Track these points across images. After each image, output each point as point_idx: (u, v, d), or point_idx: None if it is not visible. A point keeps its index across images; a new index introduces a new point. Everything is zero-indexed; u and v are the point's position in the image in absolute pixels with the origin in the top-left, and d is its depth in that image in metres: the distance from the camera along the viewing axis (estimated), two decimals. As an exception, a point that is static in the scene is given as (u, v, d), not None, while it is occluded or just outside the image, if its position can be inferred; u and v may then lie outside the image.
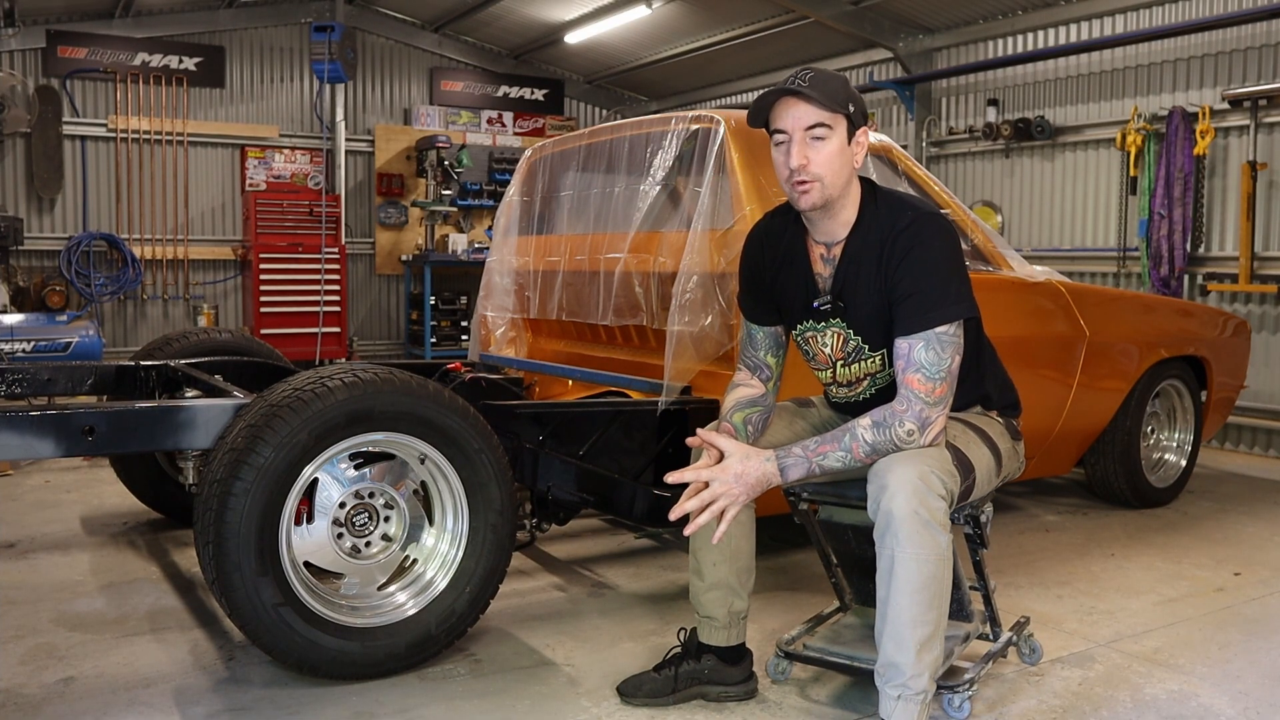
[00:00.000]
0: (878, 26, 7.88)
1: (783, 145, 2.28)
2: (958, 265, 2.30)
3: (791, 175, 2.27)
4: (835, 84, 2.27)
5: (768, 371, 2.59)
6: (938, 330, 2.23)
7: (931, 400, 2.21)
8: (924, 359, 2.22)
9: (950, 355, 2.23)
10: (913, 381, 2.22)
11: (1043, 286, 4.02)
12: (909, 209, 2.32)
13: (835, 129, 2.26)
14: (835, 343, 2.45)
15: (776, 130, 2.29)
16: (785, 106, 2.27)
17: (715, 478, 2.24)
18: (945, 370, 2.23)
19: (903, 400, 2.23)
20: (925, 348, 2.23)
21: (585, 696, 2.61)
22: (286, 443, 2.47)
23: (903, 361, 2.25)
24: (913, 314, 2.24)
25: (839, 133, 2.27)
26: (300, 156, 9.59)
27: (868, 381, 2.47)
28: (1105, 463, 4.54)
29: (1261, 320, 6.06)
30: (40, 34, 8.52)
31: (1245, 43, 6.09)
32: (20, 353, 6.04)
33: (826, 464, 2.25)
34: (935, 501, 2.14)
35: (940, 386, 2.22)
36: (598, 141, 3.98)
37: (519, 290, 4.29)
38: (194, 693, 2.59)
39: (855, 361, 2.45)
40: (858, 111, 2.30)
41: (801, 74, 2.26)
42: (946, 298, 2.24)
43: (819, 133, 2.25)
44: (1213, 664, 2.87)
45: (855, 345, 2.42)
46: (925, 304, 2.23)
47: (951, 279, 2.27)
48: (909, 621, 2.15)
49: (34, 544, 3.90)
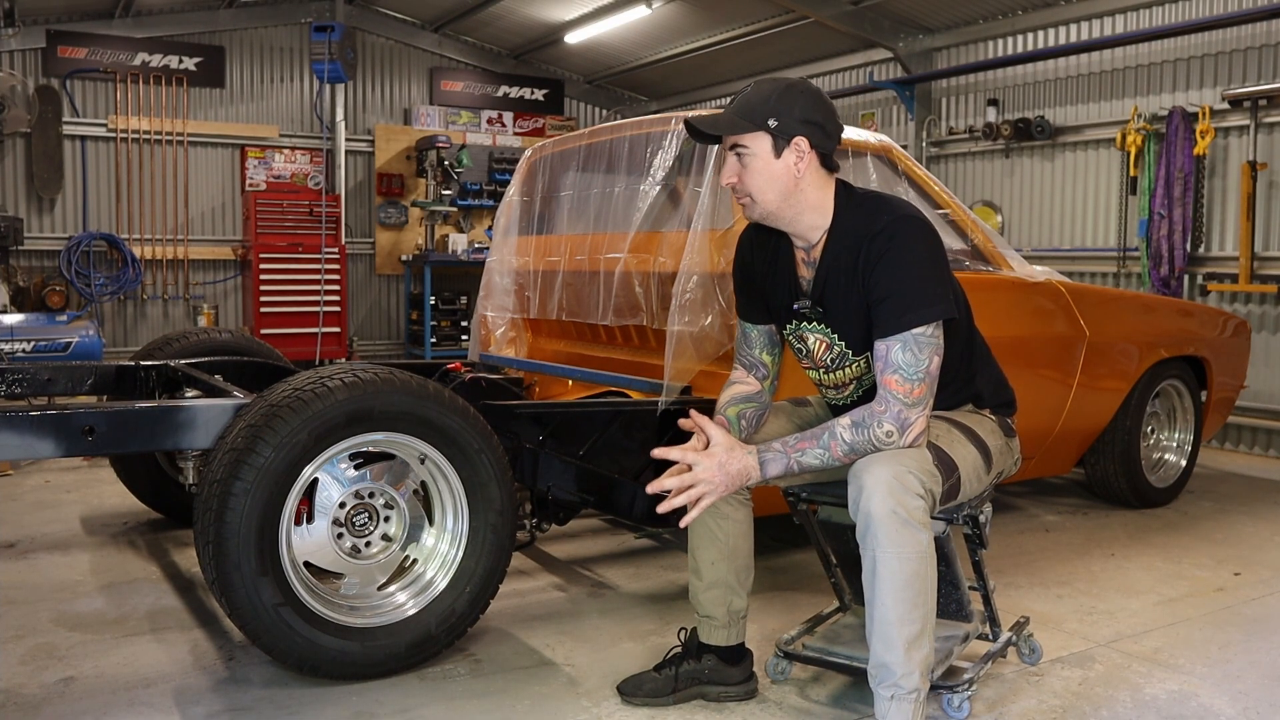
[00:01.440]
0: (878, 26, 7.88)
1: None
2: (936, 266, 2.29)
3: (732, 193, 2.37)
4: (756, 97, 2.30)
5: (763, 369, 2.60)
6: (915, 332, 2.22)
7: (910, 401, 2.21)
8: (902, 360, 2.22)
9: (929, 356, 2.23)
10: (891, 383, 2.22)
11: (1043, 286, 4.02)
12: (885, 211, 2.31)
13: (753, 145, 2.30)
14: (819, 347, 2.46)
15: None
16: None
17: (699, 462, 2.26)
18: (923, 371, 2.22)
19: (881, 401, 2.23)
20: (903, 349, 2.22)
21: (585, 696, 2.61)
22: (286, 443, 2.47)
23: (881, 363, 2.25)
24: (889, 316, 2.24)
25: (760, 147, 2.30)
26: (300, 156, 9.59)
27: (854, 385, 2.48)
28: (1105, 463, 4.54)
29: (1261, 320, 6.06)
30: (40, 34, 8.52)
31: (1245, 43, 6.09)
32: (20, 353, 6.04)
33: (805, 461, 2.26)
34: (913, 500, 2.15)
35: (918, 387, 2.22)
36: (598, 141, 3.98)
37: (519, 290, 4.29)
38: (194, 693, 2.59)
39: (839, 367, 2.46)
40: (787, 121, 2.28)
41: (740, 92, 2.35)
42: (923, 299, 2.23)
43: (739, 151, 2.32)
44: (1213, 664, 2.87)
45: (839, 351, 2.43)
46: (901, 306, 2.23)
47: (928, 280, 2.25)
48: (895, 620, 2.16)
49: (34, 544, 3.91)
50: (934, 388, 2.26)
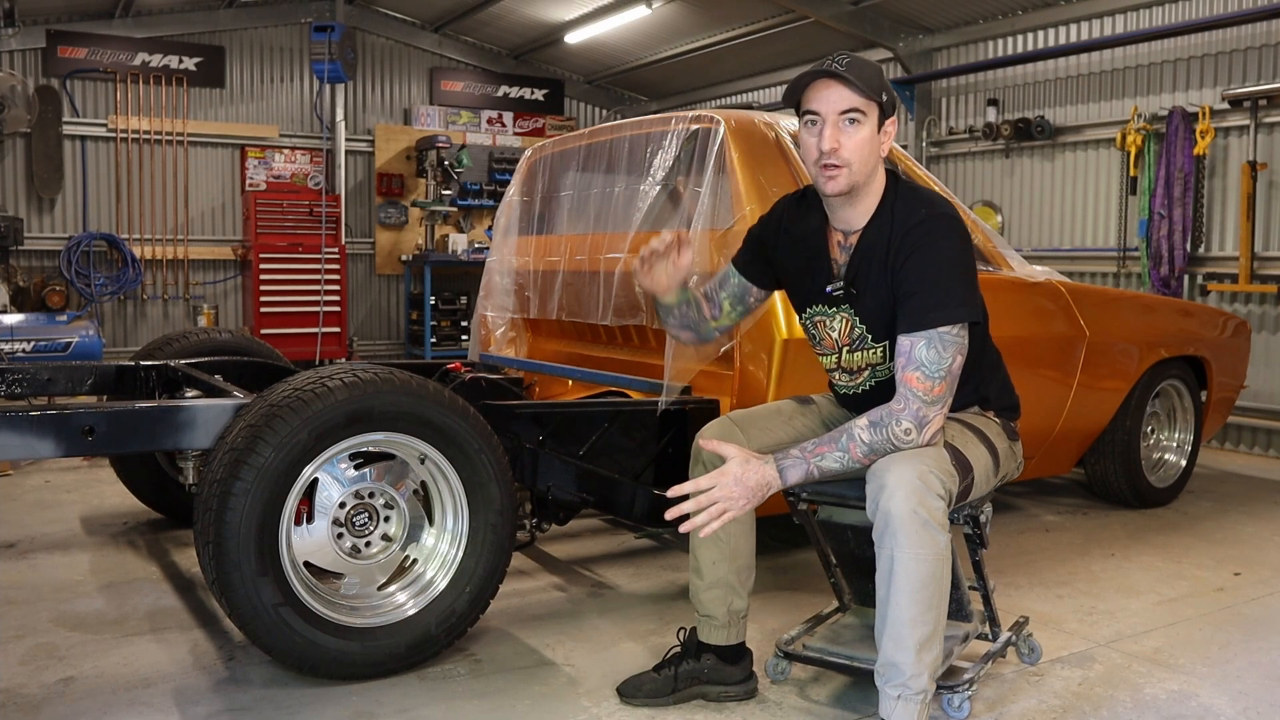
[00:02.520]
0: (878, 26, 7.88)
1: (814, 127, 2.27)
2: (967, 267, 2.29)
3: (821, 158, 2.27)
4: (871, 71, 2.27)
5: (718, 311, 2.65)
6: (940, 330, 2.21)
7: (929, 399, 2.21)
8: (925, 357, 2.21)
9: (952, 355, 2.23)
10: (911, 379, 2.22)
11: (1043, 286, 4.02)
12: (924, 205, 2.32)
13: (868, 116, 2.26)
14: (843, 328, 2.45)
15: (809, 111, 2.28)
16: (821, 88, 2.26)
17: (716, 483, 2.23)
18: (945, 370, 2.22)
19: (900, 399, 2.22)
20: (927, 346, 2.22)
21: (585, 696, 2.61)
22: (286, 443, 2.47)
23: (903, 359, 2.24)
24: (916, 311, 2.23)
25: (871, 120, 2.27)
26: (300, 156, 9.59)
27: (869, 372, 2.47)
28: (1105, 463, 4.54)
29: (1261, 320, 6.06)
30: (40, 34, 8.52)
31: (1245, 43, 6.09)
32: (20, 353, 6.05)
33: (824, 465, 2.25)
34: (934, 501, 2.14)
35: (939, 386, 2.21)
36: (598, 141, 3.98)
37: (519, 290, 4.29)
38: (194, 693, 2.59)
39: (859, 350, 2.44)
40: (889, 101, 2.29)
41: (839, 57, 2.26)
42: (952, 298, 2.23)
43: (854, 117, 2.25)
44: (1213, 664, 2.87)
45: (860, 333, 2.42)
46: (929, 302, 2.22)
47: (958, 280, 2.26)
48: (909, 621, 2.15)
49: (34, 544, 3.91)
50: (954, 388, 2.25)
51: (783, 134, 3.49)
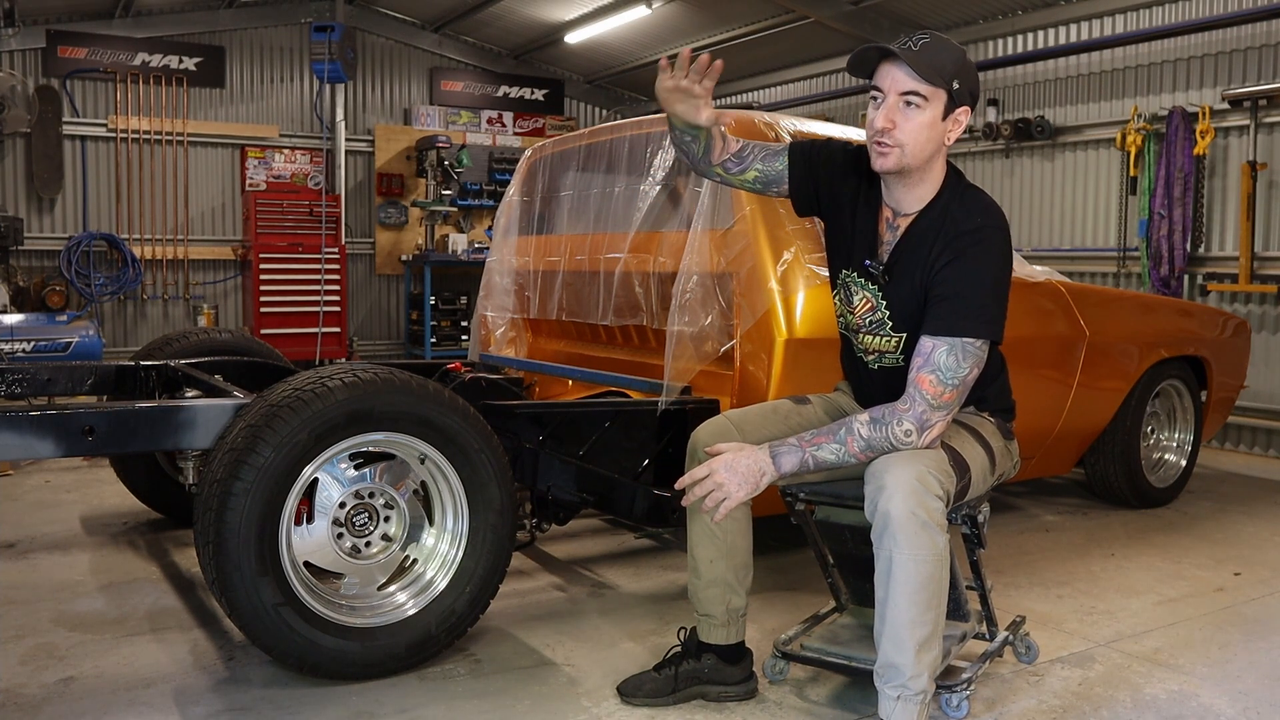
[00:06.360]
0: (877, 26, 7.88)
1: (876, 103, 2.28)
2: (1004, 286, 2.28)
3: (875, 134, 2.27)
4: (945, 56, 2.25)
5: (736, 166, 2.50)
6: (965, 340, 2.21)
7: (936, 404, 2.20)
8: (943, 362, 2.21)
9: (970, 367, 2.22)
10: (924, 381, 2.21)
11: (1043, 286, 4.03)
12: (981, 213, 2.30)
13: (931, 101, 2.24)
14: (863, 306, 2.44)
15: (874, 86, 2.29)
16: (887, 66, 2.26)
17: (711, 468, 2.26)
18: (960, 380, 2.21)
19: (907, 400, 2.22)
20: (948, 352, 2.21)
21: (585, 696, 2.61)
22: (286, 443, 2.47)
23: (921, 359, 2.23)
24: (947, 316, 2.23)
25: (934, 106, 2.25)
26: (300, 156, 9.59)
27: (875, 356, 2.47)
28: (1105, 463, 4.54)
29: (1261, 320, 6.06)
30: (40, 34, 8.52)
31: (1245, 43, 6.09)
32: (20, 353, 6.04)
33: (820, 455, 2.25)
34: (933, 502, 2.14)
35: (949, 393, 2.21)
36: (598, 141, 3.98)
37: (519, 290, 4.29)
38: (194, 693, 2.59)
39: (873, 334, 2.44)
40: (963, 90, 2.26)
41: (916, 38, 2.25)
42: (985, 313, 2.23)
43: (913, 100, 2.24)
44: (1213, 664, 2.87)
45: (880, 318, 2.41)
46: (962, 310, 2.22)
47: (995, 297, 2.25)
48: (908, 622, 2.15)
49: (34, 544, 3.91)
50: (962, 398, 2.25)
51: (783, 134, 3.49)
